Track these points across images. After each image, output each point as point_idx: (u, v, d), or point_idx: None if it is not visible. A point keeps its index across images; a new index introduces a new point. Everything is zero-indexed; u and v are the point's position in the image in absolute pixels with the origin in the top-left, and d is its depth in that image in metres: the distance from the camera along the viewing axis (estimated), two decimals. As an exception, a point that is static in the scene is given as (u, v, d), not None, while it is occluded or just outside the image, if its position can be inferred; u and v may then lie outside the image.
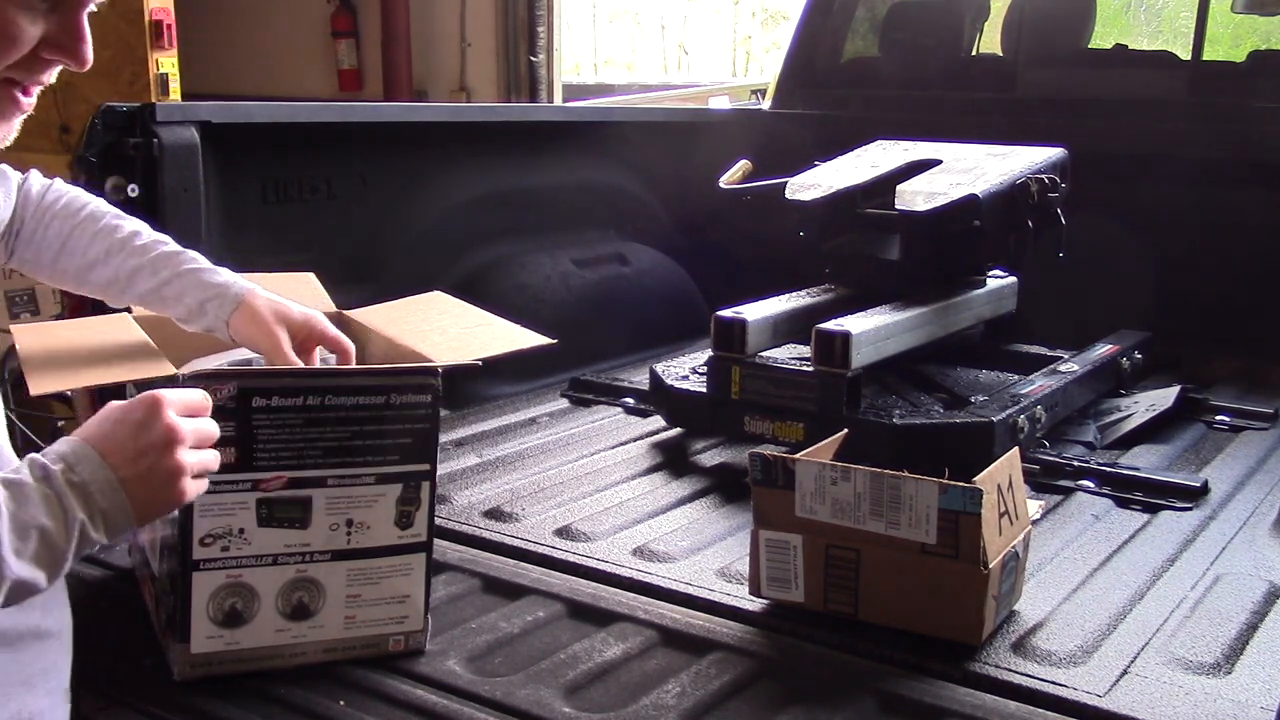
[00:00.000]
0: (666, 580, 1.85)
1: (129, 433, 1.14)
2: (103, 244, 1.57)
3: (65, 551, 1.07)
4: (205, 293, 1.57)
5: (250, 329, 1.56)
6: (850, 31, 4.23)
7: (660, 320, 3.40)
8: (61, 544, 1.07)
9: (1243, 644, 1.64)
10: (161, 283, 1.57)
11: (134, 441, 1.14)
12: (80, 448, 1.12)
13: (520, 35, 7.84)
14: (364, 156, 2.75)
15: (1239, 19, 4.22)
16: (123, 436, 1.14)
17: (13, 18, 1.08)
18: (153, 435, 1.14)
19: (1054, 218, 2.65)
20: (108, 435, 1.14)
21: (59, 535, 1.07)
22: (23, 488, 1.07)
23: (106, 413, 1.16)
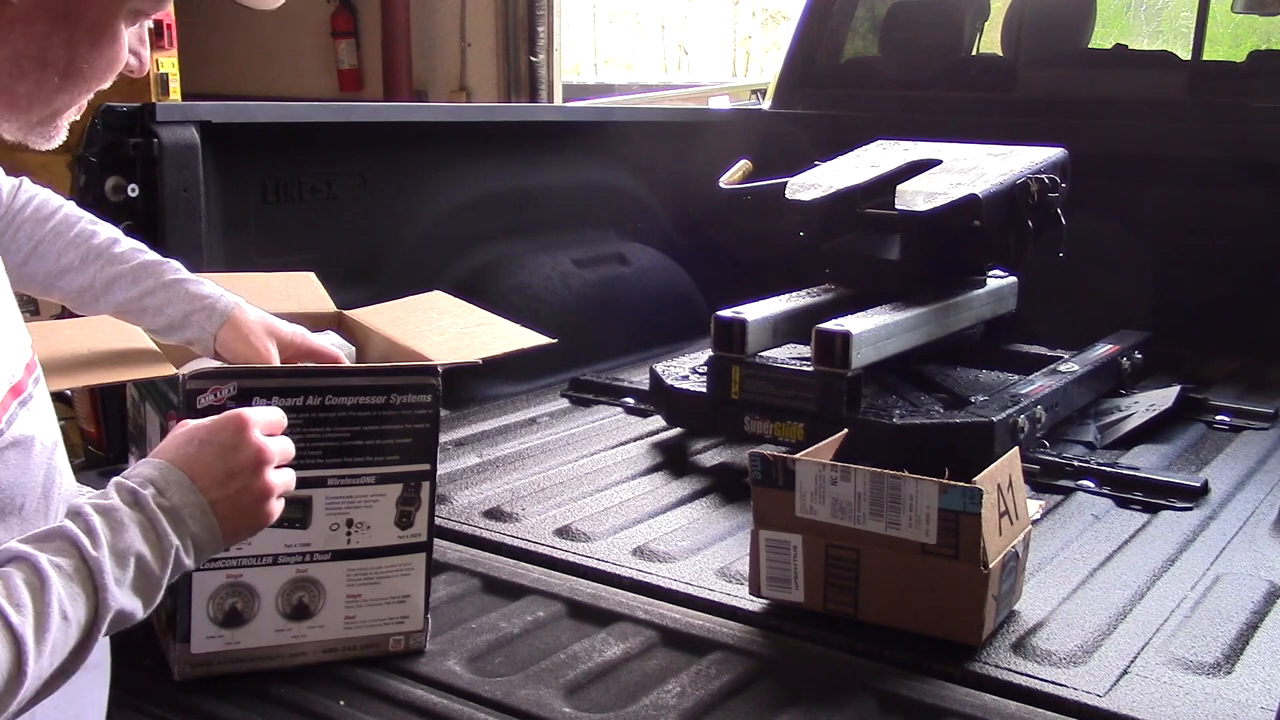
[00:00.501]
0: (666, 580, 1.85)
1: (217, 454, 1.11)
2: (77, 250, 1.52)
3: (161, 579, 1.05)
4: (191, 305, 1.54)
5: (238, 345, 1.54)
6: (850, 31, 4.23)
7: (660, 320, 3.40)
8: (157, 571, 1.04)
9: (1243, 644, 1.64)
10: (144, 292, 1.53)
11: (223, 464, 1.11)
12: (169, 470, 1.09)
13: (520, 35, 7.84)
14: (364, 156, 2.76)
15: (1239, 19, 4.22)
16: (210, 458, 1.11)
17: (122, 45, 1.08)
18: (242, 457, 1.12)
19: (1054, 218, 2.65)
20: (194, 457, 1.11)
21: (155, 563, 1.04)
22: (116, 513, 1.03)
23: (190, 433, 1.13)
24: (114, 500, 1.05)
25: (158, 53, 5.70)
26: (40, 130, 1.08)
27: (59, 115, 1.08)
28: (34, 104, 1.05)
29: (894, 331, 2.46)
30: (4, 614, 0.93)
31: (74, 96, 1.07)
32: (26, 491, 1.07)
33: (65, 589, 0.97)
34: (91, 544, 1.00)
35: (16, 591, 0.95)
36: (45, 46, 1.02)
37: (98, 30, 1.04)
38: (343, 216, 2.71)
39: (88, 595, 0.98)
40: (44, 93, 1.04)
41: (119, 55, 1.07)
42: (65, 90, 1.05)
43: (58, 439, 1.14)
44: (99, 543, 1.01)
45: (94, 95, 1.11)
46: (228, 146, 2.34)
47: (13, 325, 1.06)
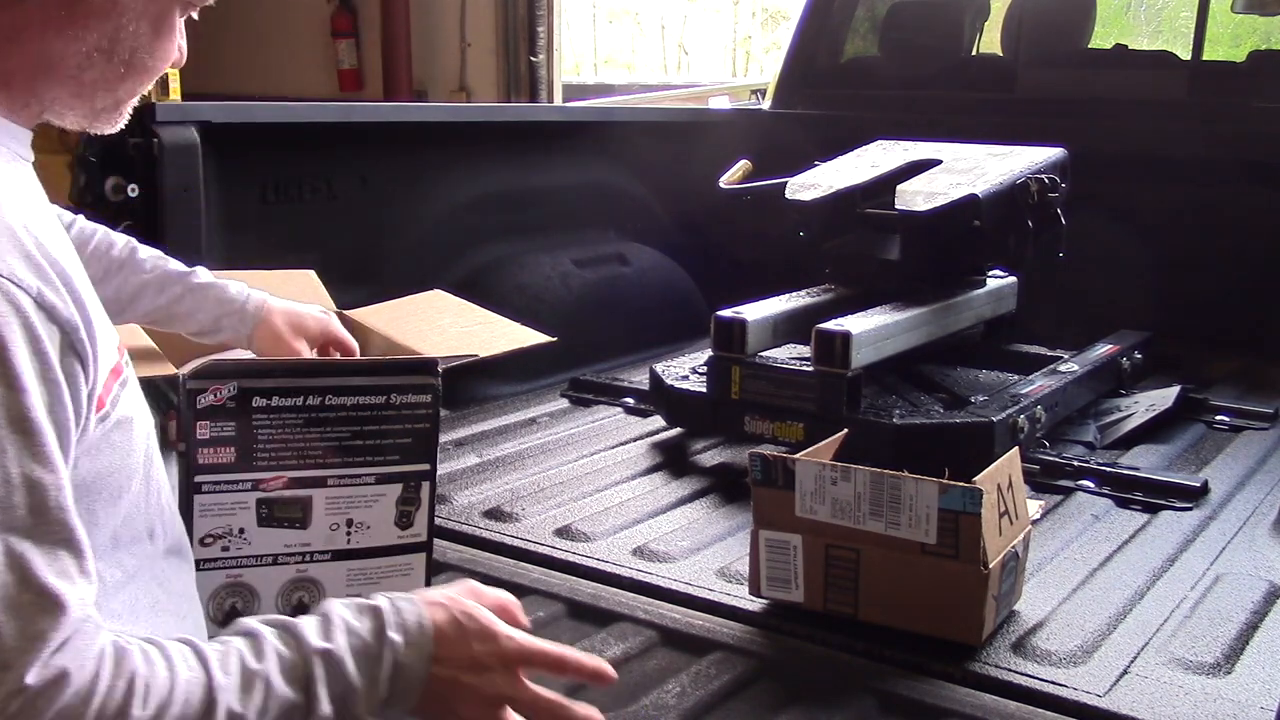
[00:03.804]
0: (666, 580, 1.85)
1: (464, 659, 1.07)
2: (99, 264, 1.55)
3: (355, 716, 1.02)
4: (220, 309, 1.62)
5: (272, 344, 1.62)
6: (850, 31, 4.23)
7: (660, 320, 3.40)
8: (358, 710, 1.02)
9: (1243, 644, 1.64)
10: (172, 299, 1.60)
11: (459, 675, 1.07)
12: (422, 636, 1.05)
13: (520, 35, 7.84)
14: (364, 156, 2.76)
15: (1239, 19, 4.22)
16: (459, 657, 1.07)
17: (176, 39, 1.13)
18: (479, 683, 1.07)
19: (1054, 218, 2.65)
20: (449, 641, 1.07)
21: (361, 699, 1.02)
22: (356, 635, 1.02)
23: (470, 622, 1.08)
24: (361, 624, 1.04)
25: (157, 53, 5.70)
26: (105, 117, 1.12)
27: (122, 104, 1.12)
28: (98, 92, 1.08)
29: (894, 331, 2.46)
30: (211, 674, 0.93)
31: (136, 86, 1.11)
32: (130, 474, 1.08)
33: (278, 677, 0.97)
34: (319, 645, 1.00)
35: (230, 660, 0.96)
36: (115, 39, 1.05)
37: (159, 22, 1.08)
38: (343, 216, 2.71)
39: (296, 691, 0.98)
40: (109, 82, 1.08)
41: (174, 46, 1.12)
42: (129, 79, 1.09)
43: (153, 422, 1.16)
44: (324, 650, 1.00)
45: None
46: (228, 146, 2.34)
47: (101, 310, 1.07)
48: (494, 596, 1.14)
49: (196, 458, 1.43)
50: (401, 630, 1.05)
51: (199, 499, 1.44)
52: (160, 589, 1.14)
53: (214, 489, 1.44)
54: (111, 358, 1.05)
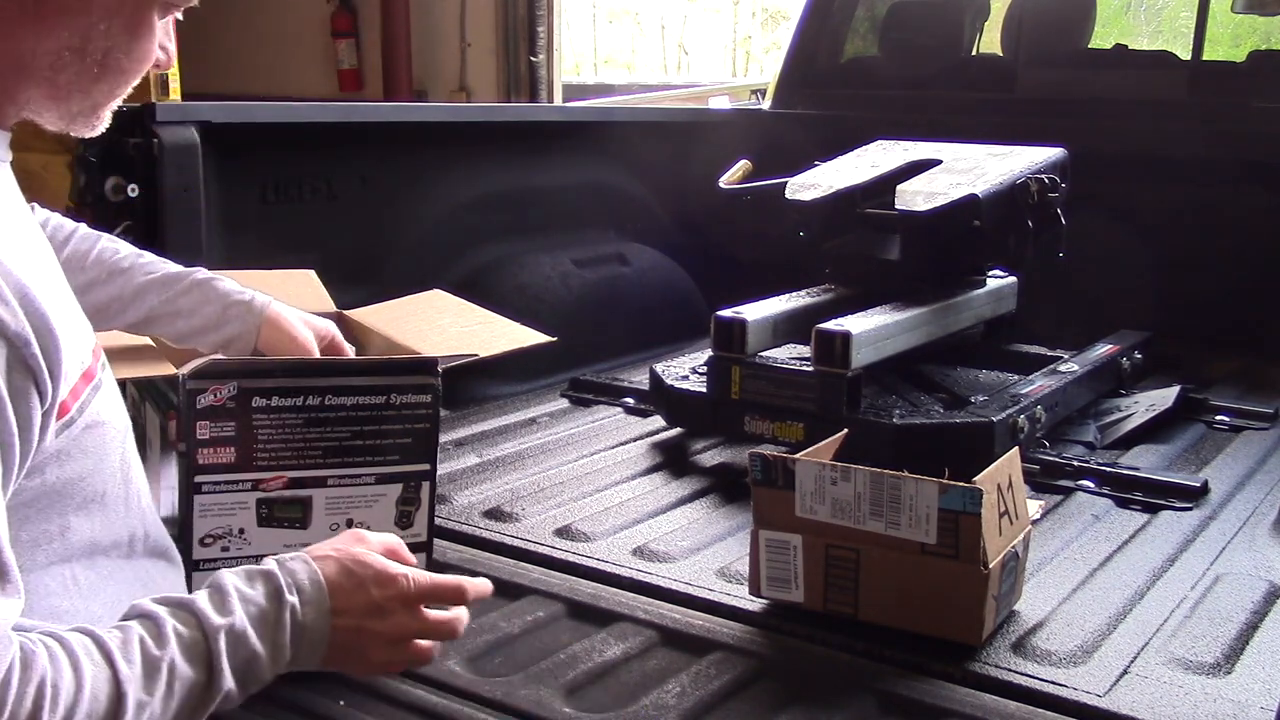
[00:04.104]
0: (666, 580, 1.85)
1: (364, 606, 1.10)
2: (101, 266, 1.55)
3: (261, 681, 1.04)
4: (226, 302, 1.59)
5: (282, 340, 1.59)
6: (850, 31, 4.23)
7: (660, 320, 3.40)
8: (264, 674, 1.04)
9: (1243, 644, 1.64)
10: (176, 294, 1.57)
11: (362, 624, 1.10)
12: (320, 591, 1.08)
13: (520, 35, 7.84)
14: (364, 156, 2.76)
15: (1239, 19, 4.22)
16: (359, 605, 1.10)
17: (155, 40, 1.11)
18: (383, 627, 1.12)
19: (1054, 218, 2.65)
20: (345, 592, 1.09)
21: (265, 666, 1.04)
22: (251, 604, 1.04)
23: (362, 569, 1.11)
24: (256, 591, 1.05)
25: (157, 53, 5.71)
26: (82, 120, 1.11)
27: (100, 107, 1.11)
28: (73, 94, 1.07)
29: (894, 331, 2.46)
30: (115, 665, 0.94)
31: (112, 88, 1.09)
32: (106, 479, 1.07)
33: (181, 658, 0.98)
34: (218, 621, 1.01)
35: (132, 648, 0.96)
36: (87, 38, 1.04)
37: (134, 23, 1.07)
38: (343, 216, 2.71)
39: (199, 670, 0.99)
40: (83, 83, 1.06)
41: (152, 48, 1.10)
42: (103, 81, 1.08)
43: (128, 425, 1.14)
44: (225, 625, 1.01)
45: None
46: (228, 146, 2.34)
47: (76, 313, 1.07)
48: (380, 540, 1.17)
49: (196, 458, 1.43)
50: (296, 590, 1.06)
51: (199, 499, 1.44)
52: (144, 590, 1.14)
53: (214, 489, 1.44)
54: (82, 361, 1.04)
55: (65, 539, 1.03)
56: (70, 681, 0.91)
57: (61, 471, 1.01)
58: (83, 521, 1.05)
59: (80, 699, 0.91)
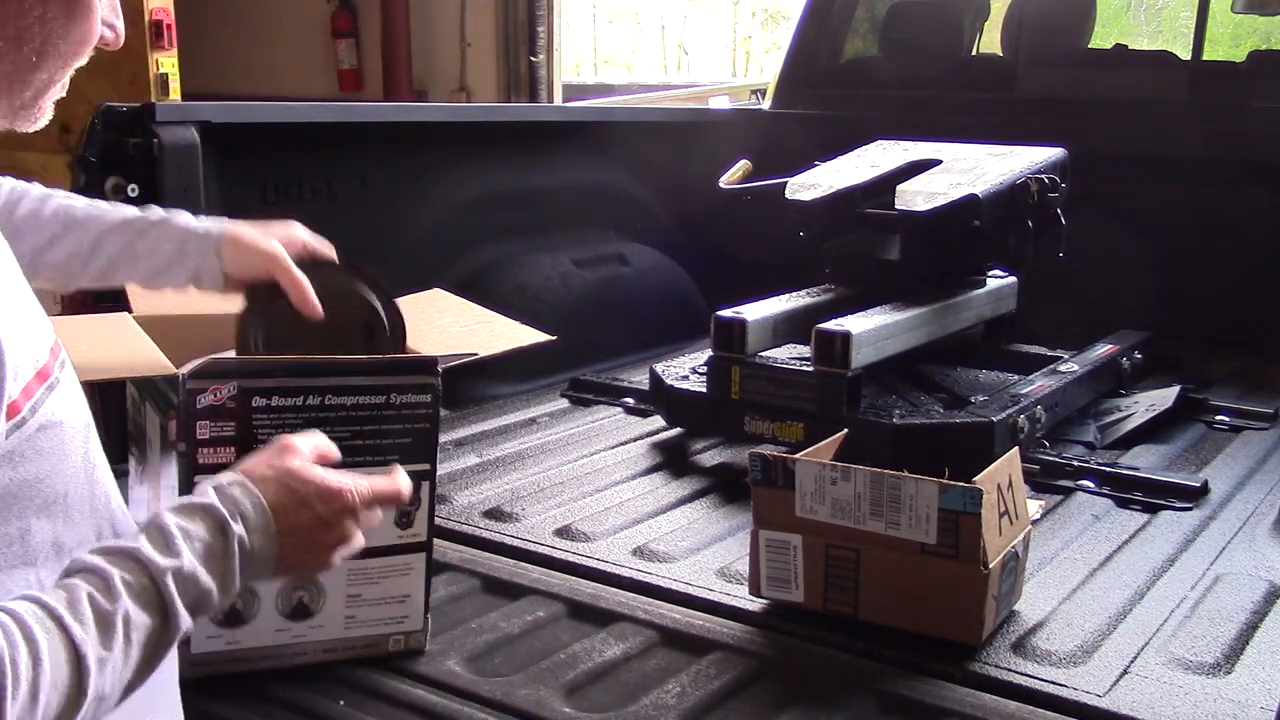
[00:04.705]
0: (666, 580, 1.85)
1: (310, 523, 1.11)
2: (58, 222, 1.48)
3: (211, 611, 1.04)
4: (183, 237, 1.51)
5: (243, 255, 1.51)
6: (850, 31, 4.23)
7: (660, 320, 3.40)
8: (214, 605, 1.04)
9: (1243, 644, 1.64)
10: (134, 235, 1.50)
11: (309, 538, 1.12)
12: (263, 513, 1.08)
13: (520, 35, 7.85)
14: (364, 156, 2.75)
15: (1239, 19, 4.22)
16: (305, 523, 1.11)
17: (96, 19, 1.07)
18: (328, 539, 1.13)
19: (1054, 218, 2.65)
20: (289, 511, 1.10)
21: (216, 599, 1.03)
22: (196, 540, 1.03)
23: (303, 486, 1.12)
24: (199, 527, 1.03)
25: (158, 53, 5.71)
26: (25, 114, 1.06)
27: (41, 96, 1.06)
28: (14, 84, 1.03)
29: (894, 331, 2.46)
30: (68, 629, 0.92)
31: (52, 74, 1.05)
32: (68, 480, 1.05)
33: (134, 607, 0.96)
34: (165, 563, 0.99)
35: (81, 606, 0.94)
36: (21, 25, 1.00)
37: (71, 4, 1.02)
38: (343, 216, 2.71)
39: (154, 616, 0.97)
40: (22, 73, 1.02)
41: (92, 28, 1.06)
42: (42, 68, 1.03)
43: (89, 422, 1.12)
44: (174, 567, 0.99)
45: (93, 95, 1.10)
46: (228, 146, 2.34)
47: (33, 310, 1.05)
48: (310, 446, 1.16)
49: (196, 458, 1.43)
50: (241, 519, 1.05)
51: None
52: None
53: (214, 489, 1.44)
54: (36, 360, 1.01)
55: (26, 542, 1.01)
56: (26, 655, 0.89)
57: (16, 474, 0.99)
58: (44, 524, 1.03)
59: (40, 670, 0.89)
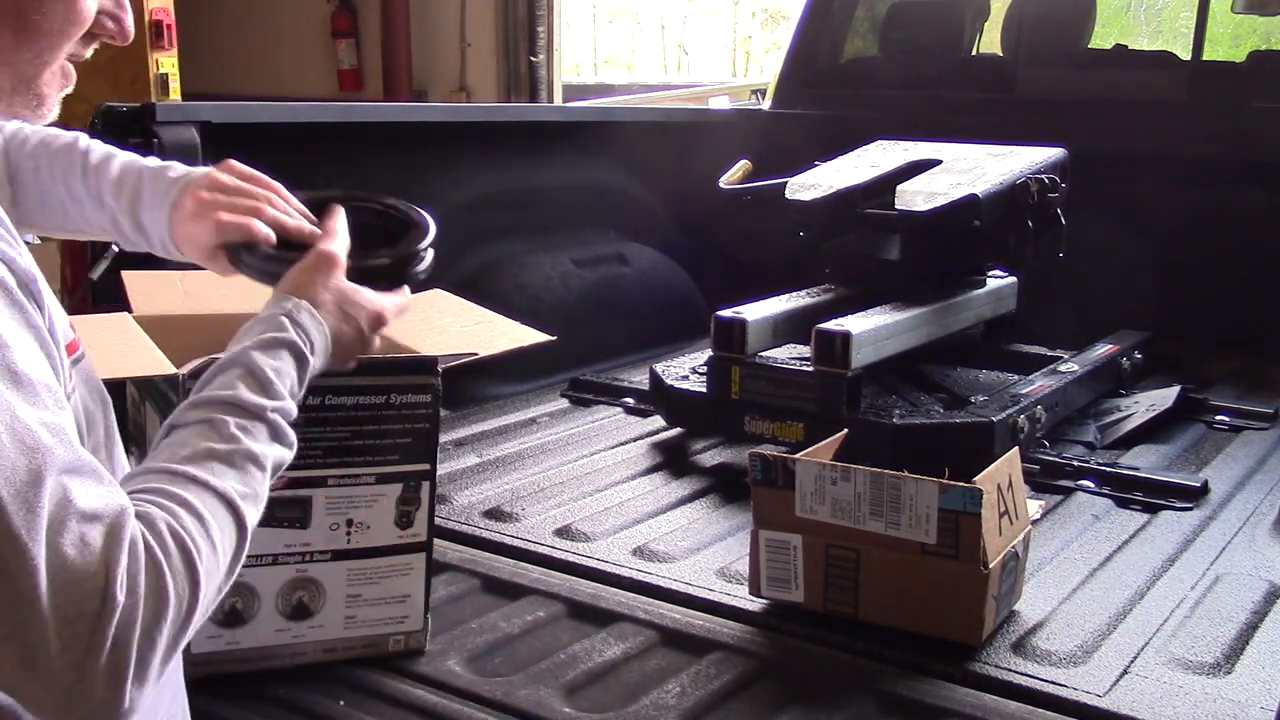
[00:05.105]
0: (666, 580, 1.85)
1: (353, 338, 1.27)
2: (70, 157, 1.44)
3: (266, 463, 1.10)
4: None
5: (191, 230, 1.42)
6: (850, 31, 4.23)
7: (660, 320, 3.40)
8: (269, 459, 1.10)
9: (1243, 644, 1.64)
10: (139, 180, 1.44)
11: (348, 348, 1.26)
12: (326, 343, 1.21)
13: (520, 35, 7.85)
14: (364, 156, 2.75)
15: (1239, 19, 4.22)
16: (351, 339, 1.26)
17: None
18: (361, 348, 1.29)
19: (1054, 218, 2.65)
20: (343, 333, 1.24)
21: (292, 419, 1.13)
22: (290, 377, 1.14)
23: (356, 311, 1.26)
24: (286, 364, 1.14)
25: (158, 53, 5.71)
26: (22, 101, 1.03)
27: (33, 81, 1.03)
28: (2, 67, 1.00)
29: (894, 331, 2.46)
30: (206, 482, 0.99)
31: (38, 55, 1.01)
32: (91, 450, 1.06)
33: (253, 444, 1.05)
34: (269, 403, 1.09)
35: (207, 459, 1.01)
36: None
37: None
38: (343, 216, 2.70)
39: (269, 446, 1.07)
40: (2, 51, 0.99)
41: (78, 6, 1.02)
42: (25, 46, 1.00)
43: (108, 399, 1.15)
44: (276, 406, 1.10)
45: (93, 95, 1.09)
46: (228, 146, 2.33)
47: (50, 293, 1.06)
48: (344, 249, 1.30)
49: (196, 458, 1.42)
50: (312, 349, 1.18)
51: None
52: None
53: (214, 489, 1.44)
54: (66, 334, 1.03)
55: None
56: (192, 519, 0.95)
57: None
58: None
59: (209, 527, 0.95)
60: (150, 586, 0.88)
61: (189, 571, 0.92)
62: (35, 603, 0.82)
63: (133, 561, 0.88)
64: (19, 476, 0.83)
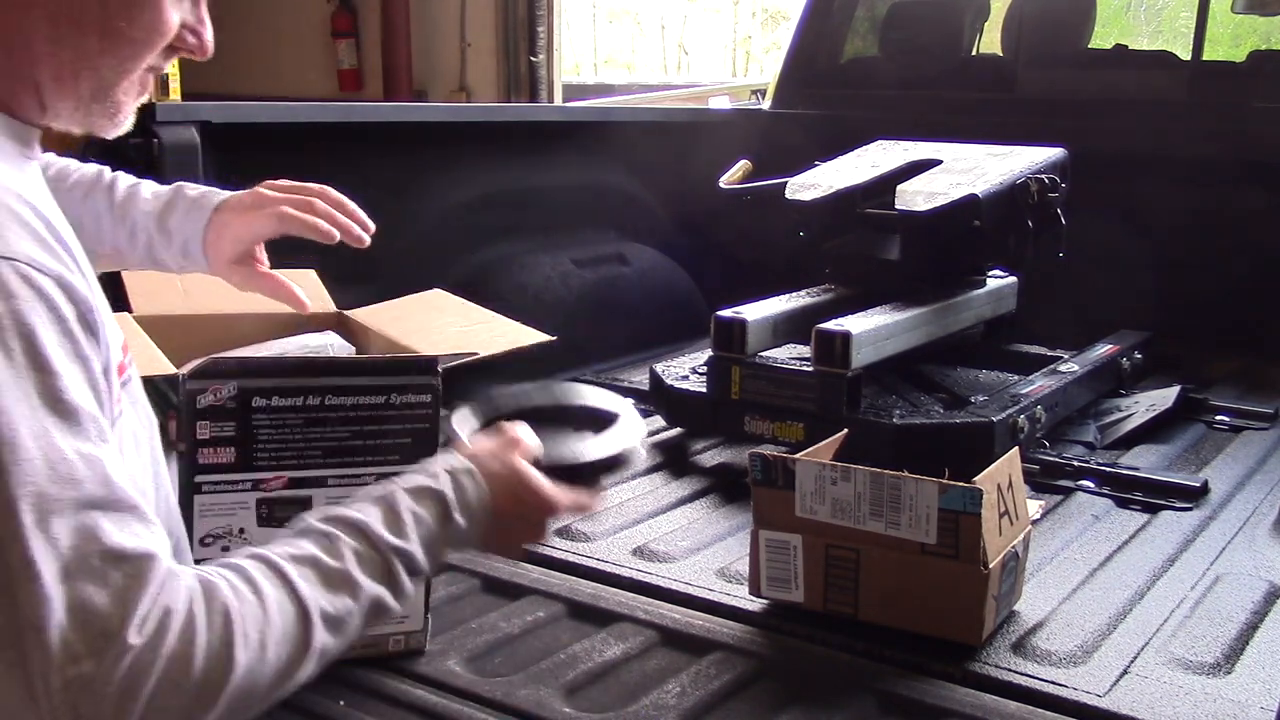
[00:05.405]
0: (666, 580, 1.85)
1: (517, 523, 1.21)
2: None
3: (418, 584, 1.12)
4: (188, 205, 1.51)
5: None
6: (850, 31, 4.23)
7: (660, 320, 3.40)
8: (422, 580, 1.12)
9: (1243, 644, 1.64)
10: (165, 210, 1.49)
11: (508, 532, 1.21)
12: (483, 513, 1.15)
13: (520, 35, 7.85)
14: (364, 156, 2.75)
15: (1239, 19, 4.22)
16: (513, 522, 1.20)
17: (165, 9, 1.06)
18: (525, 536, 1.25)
19: (1054, 218, 2.65)
20: (506, 511, 1.18)
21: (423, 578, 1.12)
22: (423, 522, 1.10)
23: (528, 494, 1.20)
24: (427, 512, 1.10)
25: (158, 53, 5.70)
26: (99, 110, 1.05)
27: (112, 89, 1.05)
28: (80, 72, 1.01)
29: (894, 331, 2.46)
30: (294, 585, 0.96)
31: (120, 62, 1.04)
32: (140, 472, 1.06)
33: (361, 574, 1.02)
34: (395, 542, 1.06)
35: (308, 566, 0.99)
36: (80, 5, 0.99)
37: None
38: (343, 216, 2.70)
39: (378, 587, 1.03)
40: (87, 56, 1.01)
41: (161, 18, 1.05)
42: (109, 53, 1.02)
43: (154, 420, 1.14)
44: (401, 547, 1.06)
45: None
46: (228, 146, 2.34)
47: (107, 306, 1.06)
48: (529, 444, 1.24)
49: (196, 458, 1.43)
50: (465, 512, 1.12)
51: (199, 499, 1.44)
52: None
53: (214, 489, 1.44)
54: (117, 355, 1.04)
55: None
56: (254, 605, 0.92)
57: None
58: None
59: (269, 620, 0.92)
60: (175, 648, 0.86)
61: (224, 651, 0.88)
62: (43, 632, 0.81)
63: (159, 611, 0.86)
64: (46, 505, 0.83)
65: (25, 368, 0.84)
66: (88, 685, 0.82)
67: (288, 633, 0.93)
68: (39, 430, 0.84)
